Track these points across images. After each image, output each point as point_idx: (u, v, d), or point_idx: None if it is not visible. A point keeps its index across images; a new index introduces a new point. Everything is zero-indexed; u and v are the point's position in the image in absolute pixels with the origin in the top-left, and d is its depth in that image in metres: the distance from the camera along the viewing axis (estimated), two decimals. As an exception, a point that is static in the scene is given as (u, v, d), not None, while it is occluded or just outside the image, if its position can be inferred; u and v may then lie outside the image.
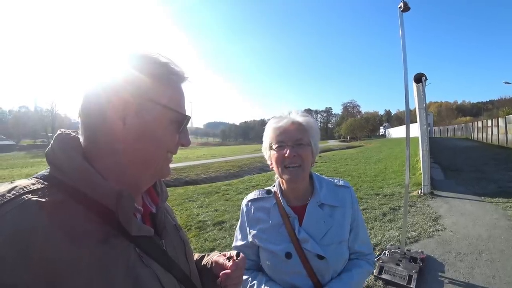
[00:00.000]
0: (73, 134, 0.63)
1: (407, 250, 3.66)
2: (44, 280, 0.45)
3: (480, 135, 27.11)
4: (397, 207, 5.68)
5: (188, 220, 5.63)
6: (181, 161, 18.76)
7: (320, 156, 19.42)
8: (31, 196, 0.50)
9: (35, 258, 0.45)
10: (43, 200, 0.50)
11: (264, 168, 14.94)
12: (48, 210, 0.49)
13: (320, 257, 1.09)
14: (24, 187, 0.52)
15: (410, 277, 3.09)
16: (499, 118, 21.11)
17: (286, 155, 1.08)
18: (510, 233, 4.19)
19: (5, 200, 0.48)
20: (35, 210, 0.48)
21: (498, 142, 20.30)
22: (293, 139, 1.09)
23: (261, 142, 1.23)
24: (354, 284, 1.13)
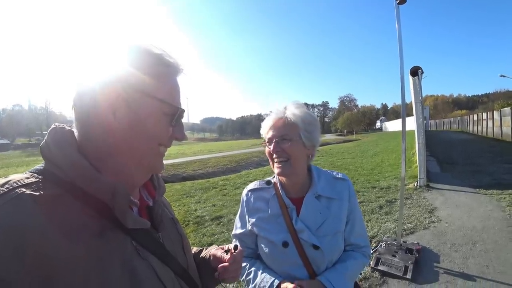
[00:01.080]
0: (68, 128, 0.62)
1: (403, 241, 3.71)
2: (40, 275, 0.45)
3: (475, 128, 27.35)
4: (394, 200, 5.73)
5: (186, 215, 5.64)
6: (178, 156, 18.72)
7: (317, 150, 19.43)
8: (25, 190, 0.49)
9: (31, 253, 0.44)
10: (37, 194, 0.49)
11: (261, 162, 14.96)
12: (43, 204, 0.49)
13: (315, 247, 1.12)
14: (18, 181, 0.51)
15: (406, 268, 3.13)
16: (494, 111, 21.28)
17: (270, 150, 1.13)
18: (504, 224, 4.26)
19: None
20: (29, 204, 0.47)
21: (493, 135, 20.50)
22: (278, 135, 1.13)
23: (258, 137, 1.26)
24: (348, 275, 1.16)
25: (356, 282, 1.29)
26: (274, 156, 1.13)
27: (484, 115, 24.18)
